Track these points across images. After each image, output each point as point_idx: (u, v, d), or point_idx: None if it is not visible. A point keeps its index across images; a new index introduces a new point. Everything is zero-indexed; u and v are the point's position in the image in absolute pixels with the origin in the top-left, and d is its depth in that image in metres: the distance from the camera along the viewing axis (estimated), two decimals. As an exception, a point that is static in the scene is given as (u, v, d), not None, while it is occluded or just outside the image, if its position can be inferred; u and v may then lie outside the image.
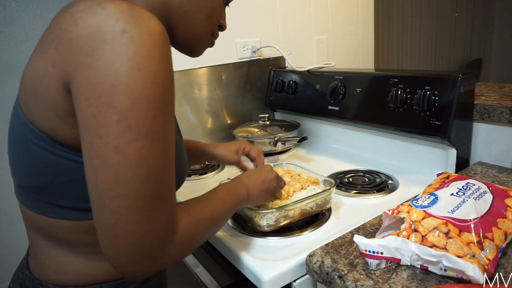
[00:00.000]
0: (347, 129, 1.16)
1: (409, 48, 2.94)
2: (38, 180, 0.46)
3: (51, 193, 0.47)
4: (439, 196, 0.58)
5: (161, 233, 0.42)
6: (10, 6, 1.62)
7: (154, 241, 0.41)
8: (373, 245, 0.54)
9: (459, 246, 0.49)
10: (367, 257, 0.54)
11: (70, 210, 0.47)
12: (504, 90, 1.02)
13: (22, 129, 0.46)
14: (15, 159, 0.49)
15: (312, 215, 0.74)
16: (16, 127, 0.47)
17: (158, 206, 0.41)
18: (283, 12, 1.44)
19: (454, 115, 0.81)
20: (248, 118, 1.40)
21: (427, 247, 0.51)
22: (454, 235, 0.51)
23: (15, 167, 0.50)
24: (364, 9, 1.75)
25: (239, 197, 0.60)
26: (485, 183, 0.63)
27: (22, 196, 0.51)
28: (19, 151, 0.47)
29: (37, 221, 0.50)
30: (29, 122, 0.45)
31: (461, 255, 0.49)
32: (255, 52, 1.38)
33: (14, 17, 1.63)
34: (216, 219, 0.53)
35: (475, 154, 0.93)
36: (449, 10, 3.20)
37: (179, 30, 0.54)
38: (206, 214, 0.51)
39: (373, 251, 0.54)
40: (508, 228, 0.55)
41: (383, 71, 1.03)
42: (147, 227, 0.40)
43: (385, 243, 0.54)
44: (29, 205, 0.50)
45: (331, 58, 1.65)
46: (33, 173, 0.46)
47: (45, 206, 0.48)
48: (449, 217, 0.53)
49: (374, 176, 0.94)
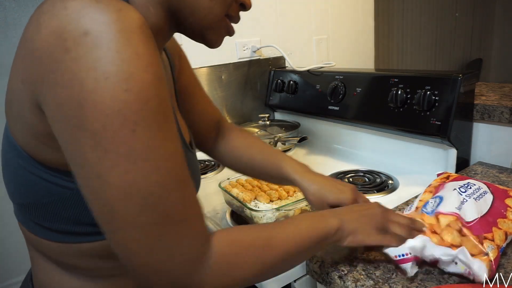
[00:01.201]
0: (347, 129, 1.16)
1: (409, 48, 2.94)
2: (24, 199, 0.43)
3: (35, 213, 0.43)
4: (444, 196, 0.59)
5: (185, 258, 0.36)
6: (10, 6, 1.62)
7: (178, 269, 0.36)
8: (401, 249, 0.51)
9: (473, 244, 0.50)
10: (401, 264, 0.51)
11: (55, 232, 0.44)
12: (504, 90, 1.02)
13: (7, 144, 0.42)
14: (5, 175, 0.45)
15: (312, 215, 0.74)
16: (4, 141, 0.44)
17: (170, 231, 0.36)
18: (283, 12, 1.44)
19: (454, 115, 0.81)
20: (248, 118, 1.40)
21: (447, 247, 0.51)
22: (466, 232, 0.51)
23: (6, 183, 0.46)
24: (364, 9, 1.75)
25: (324, 226, 0.47)
26: (485, 183, 0.63)
27: (18, 213, 0.48)
28: (7, 167, 0.44)
29: (32, 239, 0.47)
30: (12, 138, 0.41)
31: (475, 253, 0.49)
32: (255, 52, 1.38)
33: (14, 17, 1.63)
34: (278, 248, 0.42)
35: (475, 154, 0.93)
36: (450, 10, 3.20)
37: (183, 15, 0.46)
38: (261, 241, 0.42)
39: (402, 253, 0.51)
40: (509, 228, 0.55)
41: (383, 71, 1.03)
42: (162, 257, 0.35)
43: (413, 244, 0.51)
44: (23, 222, 0.47)
45: (331, 58, 1.65)
46: (19, 191, 0.43)
47: (37, 227, 0.45)
48: (457, 213, 0.54)
49: (374, 176, 0.94)
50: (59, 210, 0.42)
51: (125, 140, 0.32)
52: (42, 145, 0.39)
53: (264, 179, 0.73)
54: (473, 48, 3.54)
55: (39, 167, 0.40)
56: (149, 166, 0.34)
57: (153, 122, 0.34)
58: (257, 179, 0.79)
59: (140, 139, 0.33)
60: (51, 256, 0.47)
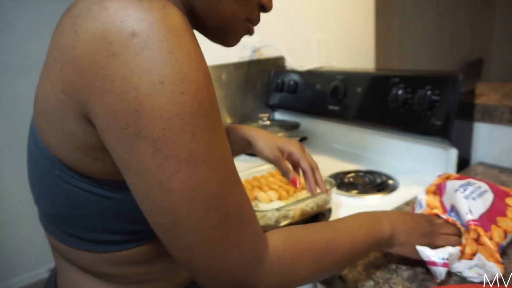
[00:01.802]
0: (348, 129, 1.16)
1: (409, 48, 2.94)
2: (56, 210, 0.42)
3: (69, 223, 0.42)
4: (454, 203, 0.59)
5: (245, 258, 0.36)
6: (10, 6, 1.62)
7: (240, 269, 0.36)
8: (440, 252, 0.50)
9: (490, 253, 0.50)
10: (434, 266, 0.50)
11: (90, 242, 0.43)
12: (505, 90, 1.01)
13: (37, 154, 0.40)
14: (34, 185, 0.44)
15: (312, 215, 0.74)
16: (32, 150, 0.42)
17: (231, 232, 0.35)
18: (283, 12, 1.44)
19: (455, 115, 0.81)
20: (248, 118, 1.39)
21: (469, 260, 0.52)
22: (484, 241, 0.52)
23: (35, 193, 0.44)
24: (364, 9, 1.74)
25: (380, 233, 0.48)
26: (486, 182, 0.63)
27: (45, 222, 0.47)
28: (36, 177, 0.43)
29: (60, 248, 0.46)
30: (44, 147, 0.39)
31: (492, 261, 0.50)
32: (255, 52, 1.37)
33: (14, 17, 1.63)
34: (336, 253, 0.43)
35: (476, 154, 0.93)
36: (450, 9, 3.20)
37: (205, 16, 0.44)
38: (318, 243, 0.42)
39: (443, 257, 0.49)
40: (508, 227, 0.55)
41: (383, 71, 1.03)
42: (225, 258, 0.35)
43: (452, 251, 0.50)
44: (51, 231, 0.46)
45: (331, 57, 1.65)
46: (51, 201, 0.42)
47: (65, 236, 0.44)
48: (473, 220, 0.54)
49: (375, 176, 0.94)
50: (95, 220, 0.41)
51: (186, 144, 0.32)
52: (86, 157, 0.37)
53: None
54: (474, 47, 3.54)
55: (78, 178, 0.39)
56: (210, 169, 0.33)
57: (209, 123, 0.33)
58: None
59: (199, 142, 0.32)
60: (80, 265, 0.46)
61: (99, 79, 0.31)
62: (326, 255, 0.42)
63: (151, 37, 0.30)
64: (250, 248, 0.36)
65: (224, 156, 0.35)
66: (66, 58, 0.33)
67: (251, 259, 0.36)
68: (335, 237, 0.43)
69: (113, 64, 0.30)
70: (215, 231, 0.34)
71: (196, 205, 0.33)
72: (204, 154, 0.33)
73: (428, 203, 0.62)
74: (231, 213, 0.35)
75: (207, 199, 0.33)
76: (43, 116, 0.38)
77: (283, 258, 0.39)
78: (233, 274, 0.36)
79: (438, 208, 0.61)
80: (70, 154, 0.38)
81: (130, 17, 0.30)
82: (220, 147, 0.35)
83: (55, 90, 0.35)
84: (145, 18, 0.30)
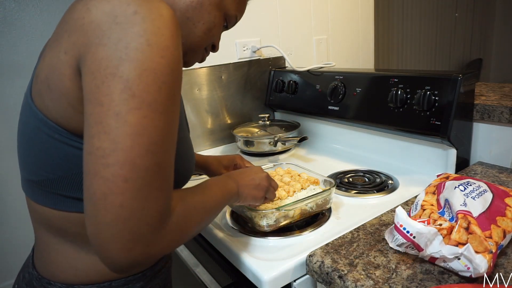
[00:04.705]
0: (347, 129, 1.16)
1: (409, 48, 2.94)
2: (53, 173, 0.46)
3: (66, 185, 0.47)
4: (449, 197, 0.59)
5: (156, 213, 0.39)
6: (10, 6, 1.62)
7: (148, 221, 0.38)
8: (412, 225, 0.53)
9: (479, 241, 0.50)
10: (397, 232, 0.54)
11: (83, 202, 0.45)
12: (504, 90, 1.02)
13: (36, 124, 0.46)
14: (26, 154, 0.49)
15: (312, 215, 0.74)
16: (29, 122, 0.47)
17: (156, 182, 0.39)
18: (283, 12, 1.44)
19: (454, 115, 0.81)
20: (248, 118, 1.40)
21: (454, 246, 0.51)
22: (473, 229, 0.52)
23: (26, 162, 0.49)
24: (364, 9, 1.75)
25: (230, 191, 0.59)
26: (485, 182, 0.63)
27: (33, 191, 0.50)
28: (32, 145, 0.47)
29: (49, 216, 0.50)
30: (43, 116, 0.45)
31: (480, 251, 0.49)
32: (255, 52, 1.38)
33: (14, 17, 1.63)
34: (209, 211, 0.52)
35: (475, 154, 0.93)
36: (449, 10, 3.20)
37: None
38: (199, 204, 0.49)
39: (408, 230, 0.53)
40: (507, 227, 0.55)
41: (383, 71, 1.03)
42: (141, 204, 0.37)
43: (424, 231, 0.52)
44: (40, 199, 0.50)
45: (331, 58, 1.65)
46: (48, 166, 0.46)
47: (58, 200, 0.48)
48: (464, 210, 0.55)
49: (374, 176, 0.94)
50: None
51: (153, 92, 0.38)
52: (77, 114, 0.43)
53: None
54: (473, 48, 3.54)
55: (74, 138, 0.45)
56: (163, 120, 0.39)
57: (173, 87, 0.41)
58: None
59: (163, 96, 0.39)
60: (69, 232, 0.50)
61: (98, 37, 0.39)
62: (204, 212, 0.50)
63: (147, 16, 0.39)
64: (164, 203, 0.40)
65: (175, 120, 0.42)
66: (75, 26, 0.41)
67: (159, 216, 0.39)
68: (207, 198, 0.52)
69: (114, 28, 0.38)
70: (144, 173, 0.38)
71: (141, 141, 0.37)
72: (164, 106, 0.39)
73: (423, 204, 0.62)
74: (162, 166, 0.40)
75: (151, 141, 0.38)
76: (44, 83, 0.44)
77: (180, 217, 0.43)
78: (140, 224, 0.37)
79: (434, 206, 0.61)
80: (66, 113, 0.43)
81: (135, 2, 0.39)
82: (175, 110, 0.42)
83: (59, 54, 0.42)
84: (145, 4, 0.40)
